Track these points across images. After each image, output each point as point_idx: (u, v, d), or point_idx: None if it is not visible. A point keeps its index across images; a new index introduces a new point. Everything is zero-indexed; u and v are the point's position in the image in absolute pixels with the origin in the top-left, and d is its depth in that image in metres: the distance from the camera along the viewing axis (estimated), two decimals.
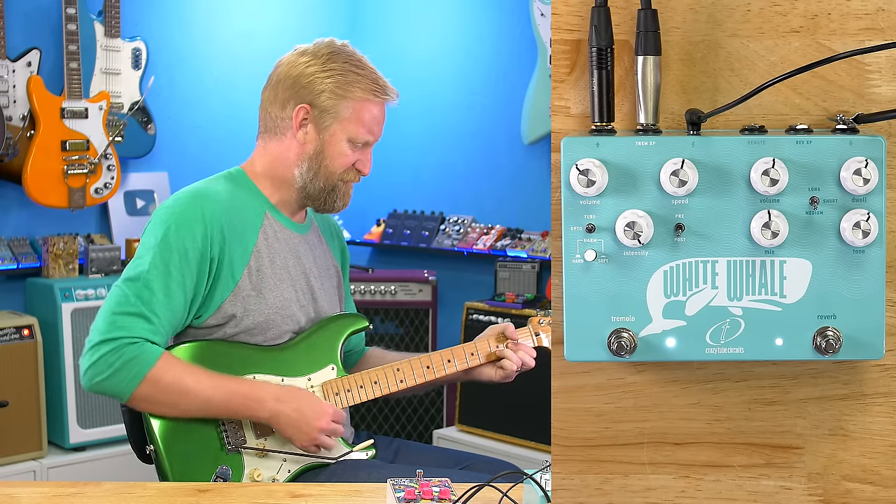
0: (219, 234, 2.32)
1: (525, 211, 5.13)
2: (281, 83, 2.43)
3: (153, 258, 2.29)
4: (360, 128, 2.41)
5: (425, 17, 5.59)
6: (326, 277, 2.55)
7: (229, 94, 5.40)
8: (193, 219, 2.31)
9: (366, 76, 2.41)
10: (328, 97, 2.39)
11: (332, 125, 2.40)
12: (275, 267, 2.39)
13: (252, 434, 2.36)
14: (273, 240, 2.41)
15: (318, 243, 2.56)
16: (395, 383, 2.47)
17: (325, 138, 2.41)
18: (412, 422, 4.82)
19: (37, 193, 4.64)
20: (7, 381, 4.39)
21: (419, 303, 4.89)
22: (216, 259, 2.32)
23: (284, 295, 2.40)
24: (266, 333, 2.38)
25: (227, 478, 2.30)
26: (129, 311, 2.25)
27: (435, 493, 1.76)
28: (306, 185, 2.44)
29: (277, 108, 2.44)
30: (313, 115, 2.40)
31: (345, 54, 2.43)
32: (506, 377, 2.54)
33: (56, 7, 4.73)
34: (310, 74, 2.40)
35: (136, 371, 2.23)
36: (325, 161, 2.42)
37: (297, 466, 2.37)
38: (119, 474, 4.43)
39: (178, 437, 2.33)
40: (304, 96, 2.40)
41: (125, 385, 2.24)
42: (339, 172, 2.43)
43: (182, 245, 2.29)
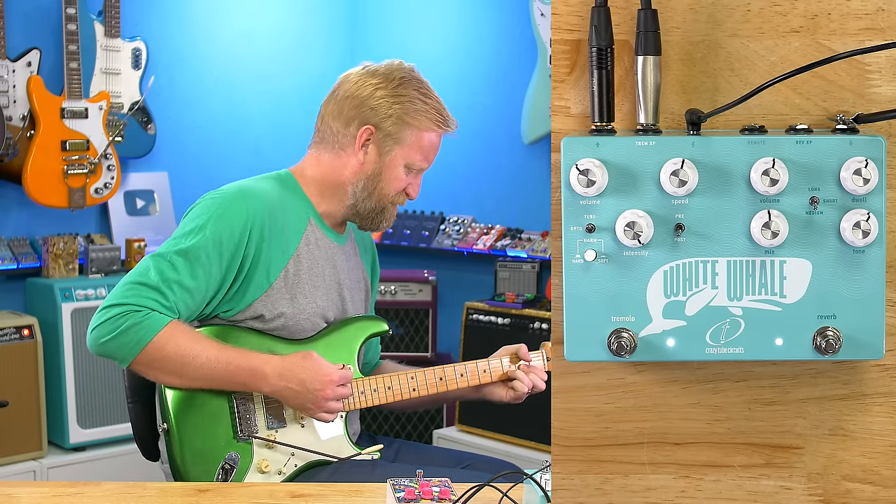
0: (258, 232, 2.34)
1: (525, 211, 5.13)
2: (348, 100, 2.45)
3: (187, 241, 2.31)
4: (418, 154, 2.46)
5: (425, 17, 5.59)
6: (357, 290, 2.57)
7: (229, 94, 5.40)
8: (237, 213, 2.33)
9: (432, 106, 2.47)
10: (394, 123, 2.43)
11: (393, 149, 2.44)
12: (312, 273, 2.41)
13: (264, 424, 2.37)
14: (314, 246, 2.43)
15: (353, 255, 2.58)
16: (409, 391, 2.48)
17: (384, 161, 2.45)
18: (412, 422, 4.82)
19: (37, 193, 4.64)
20: (7, 381, 4.39)
21: (419, 303, 4.89)
22: (251, 257, 2.33)
23: (317, 302, 2.42)
24: (292, 335, 2.40)
25: (235, 465, 2.32)
26: (146, 283, 2.27)
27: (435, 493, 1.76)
28: (357, 204, 2.47)
29: (340, 123, 2.45)
30: (377, 138, 2.43)
31: (415, 81, 2.47)
32: (516, 398, 2.56)
33: (56, 7, 4.73)
34: (379, 97, 2.43)
35: (140, 336, 2.24)
36: (380, 183, 2.46)
37: (304, 462, 2.38)
38: (119, 474, 4.43)
39: (192, 416, 2.34)
40: (370, 118, 2.43)
41: (128, 349, 2.25)
42: (391, 195, 2.47)
43: (218, 235, 2.31)
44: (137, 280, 2.27)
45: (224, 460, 2.33)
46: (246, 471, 2.33)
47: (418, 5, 5.63)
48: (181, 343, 2.26)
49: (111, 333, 2.24)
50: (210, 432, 2.35)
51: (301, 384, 2.32)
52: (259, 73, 5.44)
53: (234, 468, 2.32)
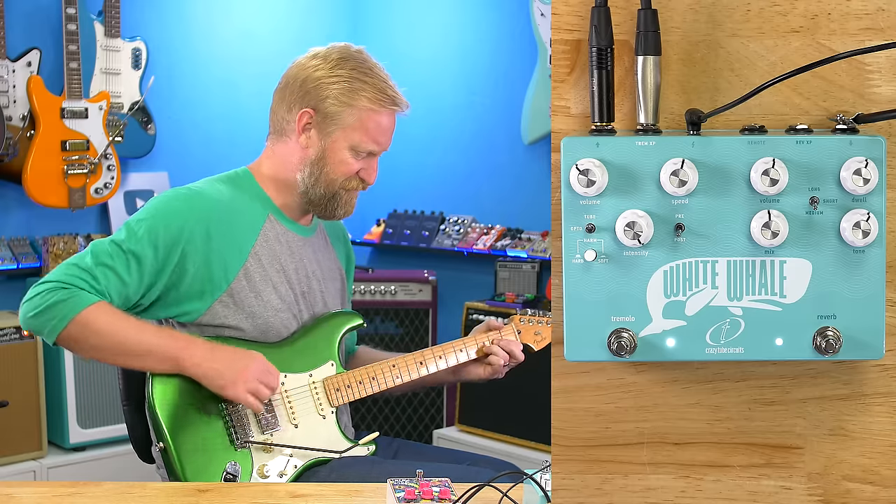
0: (203, 232, 2.33)
1: (525, 211, 5.13)
2: (289, 85, 2.42)
3: (126, 233, 2.32)
4: (363, 136, 2.39)
5: (426, 18, 5.59)
6: (330, 280, 2.55)
7: (229, 93, 5.40)
8: (177, 211, 2.34)
9: (373, 85, 2.38)
10: (332, 103, 2.38)
11: (334, 132, 2.39)
12: (273, 269, 2.40)
13: (257, 428, 2.37)
14: (274, 242, 2.42)
15: (324, 246, 2.56)
16: (392, 379, 2.48)
17: (326, 144, 2.40)
18: (412, 422, 4.82)
19: (37, 193, 4.64)
20: (7, 381, 4.39)
21: (419, 303, 4.89)
22: (194, 256, 2.32)
23: (283, 298, 2.40)
24: (267, 335, 2.40)
25: (237, 475, 2.31)
26: (79, 265, 2.29)
27: (435, 493, 1.76)
28: (308, 191, 2.43)
29: (284, 110, 2.43)
30: (316, 120, 2.39)
31: (354, 61, 2.40)
32: (494, 373, 2.54)
33: (56, 7, 4.73)
34: (317, 79, 2.38)
35: (65, 312, 2.25)
36: (325, 168, 2.41)
37: (303, 462, 2.38)
38: (119, 474, 4.43)
39: (186, 433, 2.33)
40: (308, 100, 2.39)
41: (53, 324, 2.26)
42: (339, 180, 2.42)
43: (155, 230, 2.32)
44: (73, 262, 2.30)
45: (225, 471, 2.32)
46: (248, 478, 2.33)
47: (418, 5, 5.63)
48: (106, 320, 2.26)
49: (37, 308, 2.27)
50: (207, 445, 2.34)
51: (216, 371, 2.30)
52: (259, 72, 5.43)
53: (237, 477, 2.31)
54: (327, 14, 5.75)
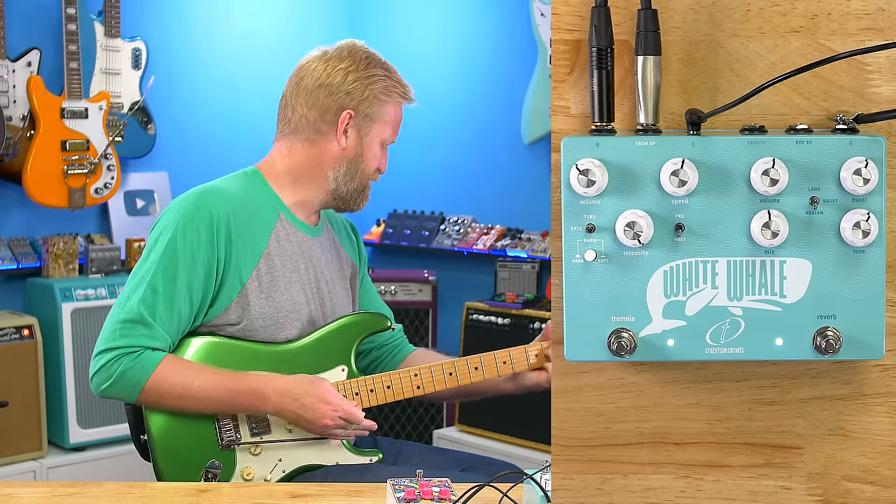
0: (226, 233, 2.32)
1: (525, 211, 5.13)
2: (321, 89, 2.43)
3: (160, 260, 2.31)
4: (392, 130, 2.48)
5: (426, 18, 5.59)
6: (339, 279, 2.54)
7: (230, 93, 5.40)
8: (200, 218, 2.32)
9: (397, 80, 2.47)
10: (370, 104, 2.43)
11: (372, 129, 2.45)
12: (286, 269, 2.39)
13: (248, 431, 2.36)
14: (285, 242, 2.41)
15: (331, 245, 2.56)
16: (412, 389, 2.44)
17: (365, 142, 2.45)
18: (412, 422, 4.82)
19: (37, 193, 4.64)
20: (7, 381, 4.39)
21: (419, 303, 4.89)
22: (223, 260, 2.32)
23: (294, 298, 2.39)
24: (276, 336, 2.38)
25: (218, 472, 2.31)
26: (131, 319, 2.27)
27: (435, 493, 1.76)
28: (339, 187, 2.46)
29: (316, 113, 2.43)
30: (356, 121, 2.43)
31: (375, 57, 2.47)
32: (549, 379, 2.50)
33: (56, 7, 4.73)
34: (352, 81, 2.43)
35: (136, 380, 2.26)
36: (362, 164, 2.46)
37: (292, 466, 2.37)
38: (119, 474, 4.43)
39: (173, 430, 2.33)
40: (346, 103, 2.42)
41: (128, 393, 2.29)
42: (370, 174, 2.48)
43: (189, 247, 2.30)
44: (121, 317, 2.28)
45: (206, 468, 2.32)
46: (229, 479, 2.32)
47: (418, 5, 5.63)
48: (177, 378, 2.27)
49: (109, 380, 2.27)
50: (191, 441, 2.34)
51: (302, 408, 2.31)
52: (259, 72, 5.44)
53: (217, 476, 2.31)
54: (327, 14, 5.75)
